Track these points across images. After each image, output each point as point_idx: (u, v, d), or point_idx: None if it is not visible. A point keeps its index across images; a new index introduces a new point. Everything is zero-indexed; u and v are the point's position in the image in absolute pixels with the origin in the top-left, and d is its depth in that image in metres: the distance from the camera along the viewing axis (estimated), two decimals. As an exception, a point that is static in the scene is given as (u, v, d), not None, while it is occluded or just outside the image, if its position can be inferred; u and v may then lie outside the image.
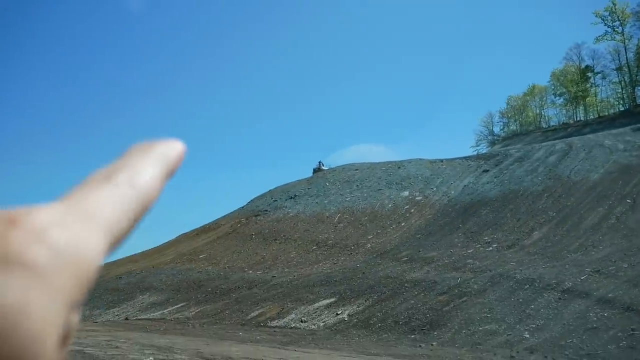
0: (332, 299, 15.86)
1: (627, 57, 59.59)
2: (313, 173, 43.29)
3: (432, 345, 11.39)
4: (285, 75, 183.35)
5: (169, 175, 0.36)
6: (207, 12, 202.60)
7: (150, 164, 0.34)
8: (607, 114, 60.33)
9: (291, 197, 35.39)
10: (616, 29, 58.67)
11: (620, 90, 62.40)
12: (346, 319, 14.21)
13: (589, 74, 65.47)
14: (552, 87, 70.55)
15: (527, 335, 11.06)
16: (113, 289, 21.00)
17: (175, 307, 17.87)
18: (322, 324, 14.23)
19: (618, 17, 57.85)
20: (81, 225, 0.27)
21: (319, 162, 45.90)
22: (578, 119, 64.56)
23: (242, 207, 37.31)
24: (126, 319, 16.99)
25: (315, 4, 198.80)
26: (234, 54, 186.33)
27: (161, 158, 0.35)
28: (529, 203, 24.82)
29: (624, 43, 58.99)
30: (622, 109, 59.66)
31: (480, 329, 11.89)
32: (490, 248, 19.84)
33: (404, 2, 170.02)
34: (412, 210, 28.64)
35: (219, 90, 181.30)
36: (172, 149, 0.36)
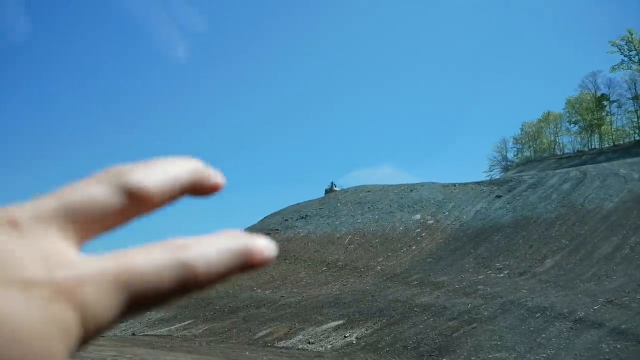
0: (341, 321, 15.75)
1: (643, 86, 59.40)
2: (325, 193, 43.33)
3: (440, 371, 11.25)
4: (302, 93, 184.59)
5: (192, 194, 0.34)
6: (218, 29, 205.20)
7: (170, 171, 0.32)
8: (622, 142, 60.05)
9: (302, 217, 35.37)
10: (632, 59, 58.64)
11: (635, 120, 62.10)
12: (354, 342, 14.08)
13: (605, 102, 65.25)
14: (567, 115, 70.43)
15: (538, 365, 10.89)
16: (121, 304, 21.00)
17: (183, 324, 17.82)
18: (329, 346, 14.11)
19: (635, 46, 57.81)
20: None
21: (331, 182, 46.02)
22: (593, 147, 64.29)
23: (254, 225, 37.35)
24: (133, 334, 16.95)
25: (332, 22, 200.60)
26: (248, 71, 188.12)
27: (189, 171, 0.33)
28: (542, 230, 24.59)
29: (640, 72, 58.88)
30: (637, 138, 59.38)
31: (490, 356, 11.73)
32: (502, 274, 19.65)
33: (417, 28, 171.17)
34: (424, 234, 28.50)
35: (234, 108, 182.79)
36: (207, 172, 0.35)
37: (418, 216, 31.41)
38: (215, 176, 0.35)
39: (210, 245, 0.30)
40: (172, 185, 0.32)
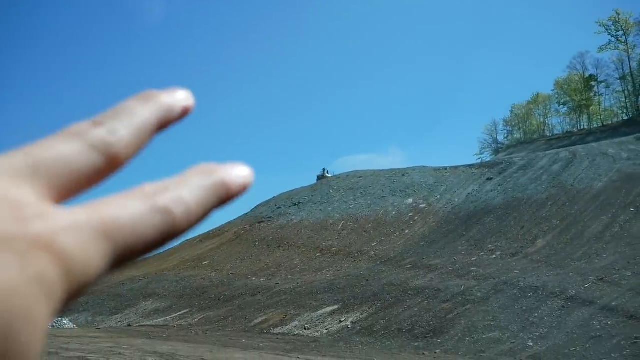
0: (336, 306, 15.86)
1: (630, 67, 59.59)
2: (317, 180, 43.30)
3: (435, 352, 11.39)
4: (290, 81, 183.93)
5: (162, 129, 0.32)
6: (212, 17, 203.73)
7: (138, 117, 0.30)
8: (610, 122, 60.27)
9: (295, 204, 35.42)
10: (620, 39, 58.71)
11: (623, 100, 62.36)
12: (349, 327, 14.21)
13: (593, 83, 65.42)
14: (556, 96, 70.55)
15: (531, 344, 11.05)
16: (116, 296, 21.04)
17: (179, 313, 17.89)
18: (325, 331, 14.23)
19: (622, 26, 57.90)
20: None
21: (323, 169, 45.88)
22: (582, 127, 64.52)
23: (246, 214, 37.32)
24: (129, 325, 17.00)
25: (320, 10, 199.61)
26: (239, 59, 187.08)
27: (157, 110, 0.32)
28: (533, 211, 24.78)
29: (628, 52, 59.00)
30: (625, 118, 59.59)
31: (484, 336, 11.88)
32: (494, 256, 19.82)
33: (406, 11, 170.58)
34: (416, 218, 28.65)
35: (224, 95, 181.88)
36: (173, 100, 0.33)
37: (410, 200, 31.54)
38: (181, 100, 0.33)
39: (184, 186, 0.29)
40: (143, 132, 0.30)
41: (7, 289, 0.20)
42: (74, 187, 0.27)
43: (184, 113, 0.33)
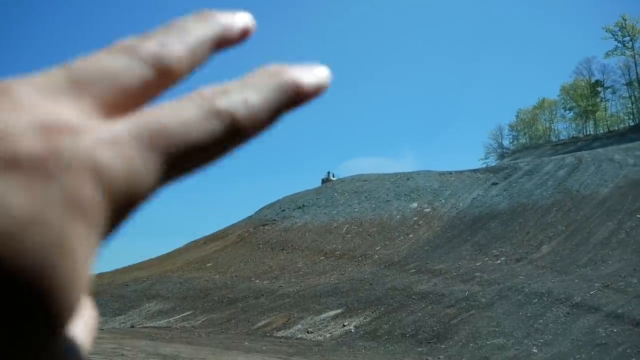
0: (339, 310, 15.82)
1: (637, 72, 59.48)
2: (322, 183, 43.28)
3: (439, 358, 11.33)
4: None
5: (221, 48, 0.29)
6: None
7: (193, 34, 0.27)
8: (617, 128, 60.11)
9: (299, 207, 35.37)
10: (626, 44, 58.61)
11: (630, 105, 62.27)
12: (353, 331, 14.16)
13: (599, 89, 65.34)
14: (562, 101, 70.51)
15: (535, 350, 10.98)
16: (119, 297, 21.04)
17: (182, 315, 17.87)
18: (328, 335, 14.18)
19: (628, 32, 57.79)
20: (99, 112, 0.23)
21: (328, 172, 45.89)
22: (588, 133, 64.35)
23: (250, 216, 37.31)
24: (132, 326, 17.00)
25: (325, 11, 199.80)
26: (240, 57, 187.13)
27: (214, 28, 0.29)
28: (538, 217, 24.68)
29: (634, 58, 58.92)
30: (632, 123, 59.45)
31: (488, 342, 11.81)
32: (499, 261, 19.74)
33: (412, 14, 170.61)
34: (421, 222, 28.56)
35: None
36: (233, 19, 0.30)
37: (415, 204, 31.46)
38: (241, 21, 0.30)
39: (248, 87, 0.26)
40: (199, 48, 0.27)
41: (31, 218, 0.18)
42: (123, 102, 0.24)
43: (244, 35, 0.31)
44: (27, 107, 0.21)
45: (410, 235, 26.68)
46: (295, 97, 0.27)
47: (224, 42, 0.29)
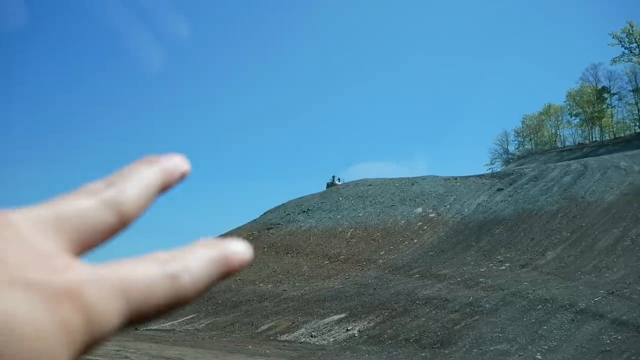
0: (343, 315, 15.82)
1: (644, 79, 59.32)
2: (327, 187, 43.28)
3: (442, 363, 11.32)
4: (299, 89, 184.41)
5: (164, 191, 0.35)
6: (220, 18, 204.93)
7: (144, 180, 0.33)
8: (622, 135, 59.95)
9: (304, 211, 35.40)
10: (633, 51, 58.45)
11: (636, 112, 61.97)
12: (356, 335, 14.16)
13: (605, 95, 65.14)
14: (568, 107, 70.33)
15: (540, 357, 10.96)
16: (124, 299, 21.07)
17: (186, 318, 17.91)
18: (332, 339, 14.18)
19: (635, 39, 57.64)
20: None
21: (333, 176, 45.85)
22: (594, 139, 64.21)
23: (255, 220, 37.35)
24: (136, 329, 16.97)
25: (330, 16, 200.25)
26: (249, 64, 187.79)
27: (159, 174, 0.34)
28: (543, 223, 24.63)
29: (641, 65, 58.76)
30: (638, 130, 59.27)
31: (492, 348, 11.80)
32: (504, 267, 19.70)
33: (420, 21, 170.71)
34: (425, 227, 28.53)
35: (235, 101, 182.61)
36: (173, 165, 0.35)
37: (419, 209, 31.43)
38: (179, 165, 0.36)
39: (191, 256, 0.30)
40: (149, 193, 0.33)
41: (34, 331, 0.22)
42: (89, 241, 0.29)
43: (182, 176, 0.36)
44: (26, 238, 0.26)
45: (415, 241, 26.66)
46: (225, 270, 0.32)
47: (167, 186, 0.35)
